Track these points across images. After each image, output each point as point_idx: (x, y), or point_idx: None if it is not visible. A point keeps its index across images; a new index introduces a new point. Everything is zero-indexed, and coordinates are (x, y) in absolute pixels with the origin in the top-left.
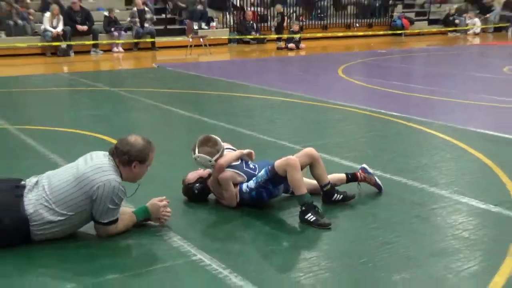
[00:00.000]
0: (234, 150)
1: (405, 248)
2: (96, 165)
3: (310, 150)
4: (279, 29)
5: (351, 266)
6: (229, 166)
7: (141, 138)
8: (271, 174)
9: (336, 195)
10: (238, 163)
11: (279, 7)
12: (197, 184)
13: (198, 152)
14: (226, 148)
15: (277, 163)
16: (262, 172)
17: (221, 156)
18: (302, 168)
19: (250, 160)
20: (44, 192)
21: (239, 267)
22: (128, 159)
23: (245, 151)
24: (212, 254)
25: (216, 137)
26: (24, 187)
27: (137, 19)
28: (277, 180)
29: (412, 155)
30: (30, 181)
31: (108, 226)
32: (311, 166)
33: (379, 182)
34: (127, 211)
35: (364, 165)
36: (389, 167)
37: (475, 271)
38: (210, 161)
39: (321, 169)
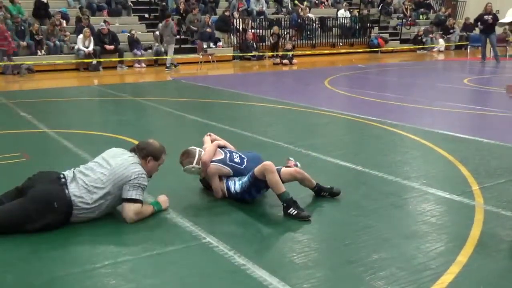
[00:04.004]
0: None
1: (382, 232)
2: (126, 160)
3: (294, 171)
4: (274, 47)
5: (337, 247)
6: (215, 161)
7: (158, 142)
8: (253, 179)
9: (323, 192)
10: (222, 157)
11: (276, 28)
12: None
13: (183, 166)
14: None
15: (256, 169)
16: (245, 178)
17: (200, 158)
18: (284, 182)
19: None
20: (83, 183)
21: (242, 248)
22: (145, 154)
23: (218, 142)
24: (219, 237)
25: (189, 148)
26: (65, 178)
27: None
28: (258, 184)
29: (387, 153)
30: (68, 174)
31: (135, 204)
32: (298, 181)
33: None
34: (146, 204)
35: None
36: (367, 163)
37: (441, 251)
38: (194, 167)
39: (306, 180)
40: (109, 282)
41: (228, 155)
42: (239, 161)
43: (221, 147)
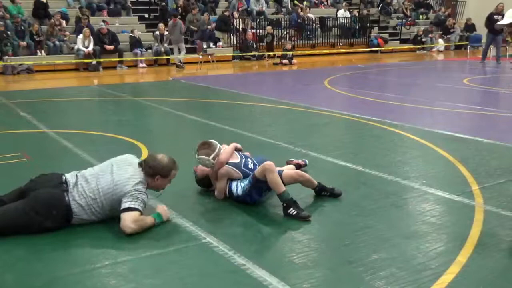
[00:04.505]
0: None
1: (382, 232)
2: (129, 175)
3: (296, 173)
4: (270, 47)
5: (337, 247)
6: (230, 163)
7: (167, 158)
8: (254, 181)
9: (324, 192)
10: (237, 161)
11: (269, 28)
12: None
13: (198, 155)
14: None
15: (257, 171)
16: (246, 181)
17: (217, 154)
18: (286, 184)
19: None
20: (84, 192)
21: (242, 248)
22: (152, 172)
23: (236, 145)
24: (219, 237)
25: (211, 141)
26: (66, 183)
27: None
28: (259, 185)
29: (387, 153)
30: (71, 180)
31: (132, 212)
32: (300, 183)
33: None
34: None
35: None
36: (367, 163)
37: (441, 251)
38: (208, 160)
39: (307, 181)
40: (109, 282)
41: (243, 160)
42: (252, 168)
43: (238, 150)
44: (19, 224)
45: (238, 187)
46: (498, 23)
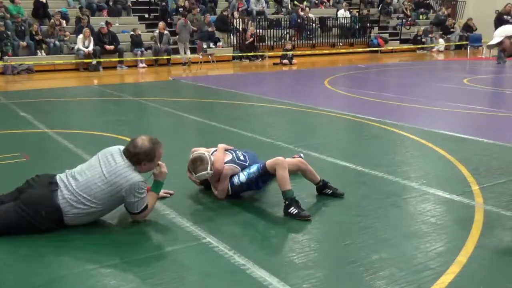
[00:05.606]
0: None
1: (382, 232)
2: (119, 168)
3: (298, 161)
4: (252, 47)
5: (337, 247)
6: (227, 162)
7: (148, 140)
8: (263, 171)
9: (326, 189)
10: (230, 158)
11: (252, 28)
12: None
13: (195, 174)
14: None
15: (268, 162)
16: (254, 169)
17: (212, 163)
18: (290, 173)
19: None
20: (73, 189)
21: (242, 248)
22: (137, 160)
23: (222, 147)
24: (219, 237)
25: (200, 155)
26: (56, 183)
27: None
28: (266, 176)
29: (386, 153)
30: (62, 179)
31: (142, 213)
32: (302, 172)
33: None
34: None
35: (301, 154)
36: (367, 163)
37: (441, 251)
38: (208, 173)
39: (310, 173)
40: (109, 282)
41: (234, 154)
42: (243, 159)
43: (226, 150)
44: (11, 224)
45: (241, 175)
46: (488, 44)
